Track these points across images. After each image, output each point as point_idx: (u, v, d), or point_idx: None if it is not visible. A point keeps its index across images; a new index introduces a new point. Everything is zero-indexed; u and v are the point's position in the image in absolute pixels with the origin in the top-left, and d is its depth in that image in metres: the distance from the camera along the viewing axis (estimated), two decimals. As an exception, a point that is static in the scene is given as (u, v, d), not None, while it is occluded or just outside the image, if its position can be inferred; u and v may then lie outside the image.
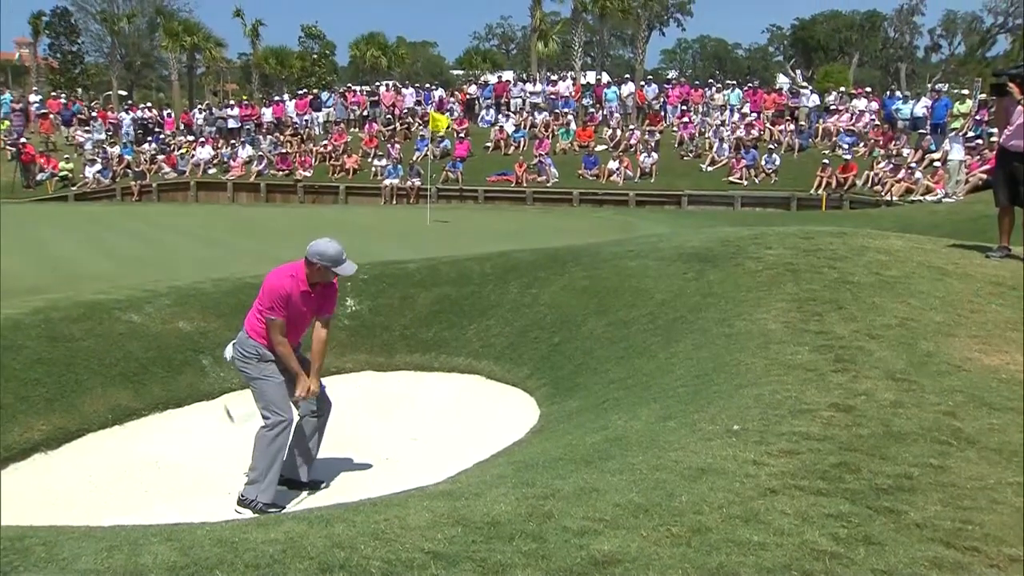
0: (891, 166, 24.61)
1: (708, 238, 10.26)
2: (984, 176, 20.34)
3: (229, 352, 6.01)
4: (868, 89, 33.23)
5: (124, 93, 56.83)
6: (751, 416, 4.94)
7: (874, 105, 29.95)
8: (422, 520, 3.69)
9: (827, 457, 4.28)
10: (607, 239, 12.97)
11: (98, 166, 32.39)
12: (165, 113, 38.15)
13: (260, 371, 5.88)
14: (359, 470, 6.55)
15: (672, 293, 8.54)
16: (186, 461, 6.82)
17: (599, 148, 30.13)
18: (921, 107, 27.67)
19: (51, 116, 36.40)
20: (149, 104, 41.07)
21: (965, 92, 29.21)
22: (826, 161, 26.06)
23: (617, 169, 28.36)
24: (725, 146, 28.63)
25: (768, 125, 30.11)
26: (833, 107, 30.64)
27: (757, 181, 27.12)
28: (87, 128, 35.77)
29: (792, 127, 29.57)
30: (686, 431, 4.86)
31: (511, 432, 6.79)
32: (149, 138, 35.18)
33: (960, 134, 24.23)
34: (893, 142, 26.62)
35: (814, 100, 31.39)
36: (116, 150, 33.71)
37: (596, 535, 3.50)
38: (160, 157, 33.40)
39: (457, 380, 8.77)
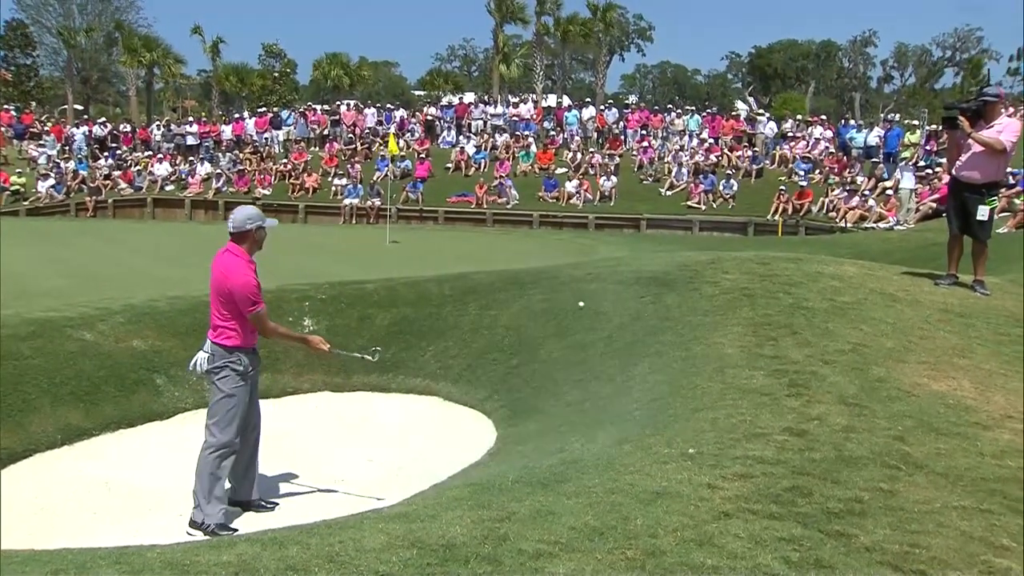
0: (845, 193, 25.08)
1: (666, 262, 10.36)
2: (934, 204, 20.80)
3: (202, 364, 5.87)
4: (823, 117, 33.92)
5: (80, 107, 56.00)
6: (706, 440, 5.00)
7: (828, 133, 30.54)
8: (377, 542, 3.68)
9: (780, 481, 4.34)
10: (566, 262, 13.04)
11: (51, 181, 31.84)
12: (122, 128, 37.63)
13: (233, 386, 5.81)
14: (314, 491, 6.49)
15: (630, 316, 8.61)
16: (138, 482, 6.71)
17: (559, 171, 30.33)
18: (874, 136, 28.24)
19: (2, 129, 35.78)
20: (103, 120, 40.39)
21: (916, 123, 29.89)
22: (783, 187, 26.51)
23: (577, 192, 28.57)
24: (684, 171, 29.01)
25: (726, 151, 30.54)
26: (790, 134, 31.19)
27: (715, 206, 27.51)
28: (40, 142, 35.19)
29: (749, 153, 30.04)
30: (642, 454, 4.89)
31: (468, 454, 6.79)
32: (105, 153, 34.72)
33: (911, 163, 24.78)
34: (848, 170, 27.16)
35: (771, 127, 31.92)
36: (71, 165, 33.20)
37: (551, 558, 3.51)
38: (116, 173, 32.97)
39: (414, 401, 8.75)
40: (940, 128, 23.44)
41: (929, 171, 23.56)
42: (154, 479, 6.77)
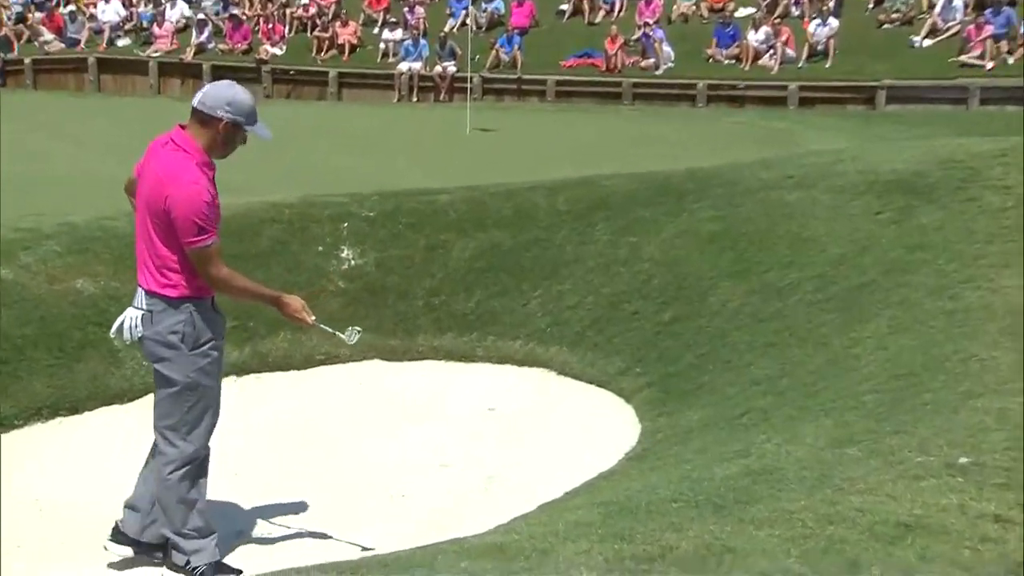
0: None
1: (919, 157, 10.17)
2: None
3: (134, 327, 5.75)
4: None
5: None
6: (990, 444, 4.90)
7: None
8: (458, 590, 3.75)
9: None
10: (751, 158, 12.90)
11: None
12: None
13: (191, 367, 5.66)
14: (359, 513, 6.63)
15: (857, 245, 8.52)
16: (84, 499, 6.87)
17: (741, 12, 29.85)
18: None
19: None
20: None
21: None
22: None
23: (770, 46, 28.10)
24: (955, 3, 28.06)
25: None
26: None
27: (1011, 61, 26.49)
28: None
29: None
30: (878, 463, 4.85)
31: (595, 457, 6.88)
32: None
33: None
34: None
35: None
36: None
37: (732, 621, 3.53)
38: (36, 16, 33.56)
39: (512, 376, 8.89)
40: None
41: None
42: (108, 494, 6.71)
